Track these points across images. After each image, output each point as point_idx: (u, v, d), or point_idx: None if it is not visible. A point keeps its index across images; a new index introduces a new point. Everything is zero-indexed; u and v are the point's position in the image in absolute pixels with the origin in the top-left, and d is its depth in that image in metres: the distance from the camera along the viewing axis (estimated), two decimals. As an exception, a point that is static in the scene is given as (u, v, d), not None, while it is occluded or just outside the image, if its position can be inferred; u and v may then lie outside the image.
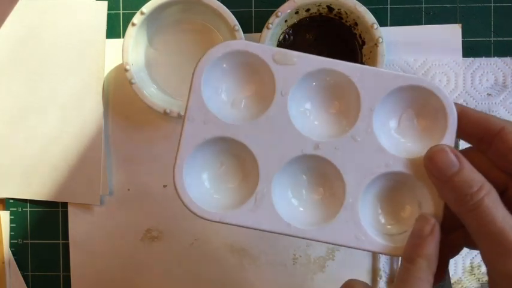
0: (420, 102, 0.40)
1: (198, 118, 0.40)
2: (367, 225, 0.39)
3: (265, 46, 0.41)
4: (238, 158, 0.41)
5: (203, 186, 0.42)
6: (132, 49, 0.58)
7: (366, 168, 0.39)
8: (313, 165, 0.41)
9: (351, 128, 0.39)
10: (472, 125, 0.38)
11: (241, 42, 0.41)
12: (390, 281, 0.60)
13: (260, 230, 0.40)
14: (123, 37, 0.58)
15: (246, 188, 0.41)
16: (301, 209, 0.41)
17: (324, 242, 0.39)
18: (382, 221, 0.41)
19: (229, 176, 0.42)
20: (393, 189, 0.41)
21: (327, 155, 0.39)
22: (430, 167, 0.37)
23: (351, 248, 0.40)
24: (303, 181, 0.41)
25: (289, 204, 0.41)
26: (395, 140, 0.40)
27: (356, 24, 0.58)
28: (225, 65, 0.41)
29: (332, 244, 0.39)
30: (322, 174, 0.41)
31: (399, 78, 0.39)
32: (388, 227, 0.41)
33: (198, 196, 0.40)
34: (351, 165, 0.39)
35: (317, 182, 0.41)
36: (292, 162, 0.40)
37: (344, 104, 0.41)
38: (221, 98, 0.41)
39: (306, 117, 0.41)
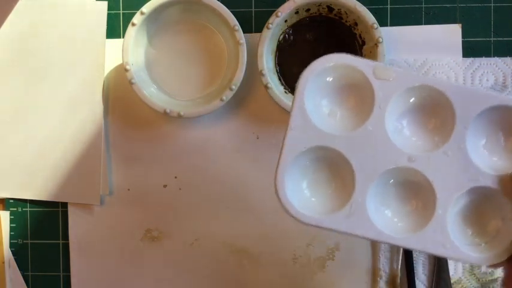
0: (509, 121, 0.42)
1: (300, 128, 0.42)
2: (454, 235, 0.42)
3: (366, 60, 0.42)
4: (335, 167, 0.44)
5: (301, 192, 0.44)
6: (132, 49, 0.58)
7: (457, 182, 0.41)
8: (406, 178, 0.43)
9: (444, 143, 0.42)
10: None
11: (343, 56, 0.42)
12: (390, 281, 0.60)
13: (354, 235, 0.42)
14: (123, 37, 0.58)
15: (341, 195, 0.43)
16: (394, 219, 0.43)
17: (413, 249, 0.43)
18: (467, 232, 0.43)
19: (326, 183, 0.44)
20: (479, 203, 0.43)
21: (421, 168, 0.42)
22: None
23: (438, 255, 0.42)
24: (395, 192, 0.44)
25: (382, 213, 0.43)
26: (484, 156, 0.42)
27: (356, 24, 0.58)
28: (326, 78, 0.43)
29: (420, 251, 0.43)
30: (414, 186, 0.43)
31: (494, 98, 0.41)
32: (472, 238, 0.43)
33: (296, 200, 0.43)
34: (443, 179, 0.41)
35: (409, 193, 0.44)
36: (386, 174, 0.42)
37: (439, 120, 0.43)
38: (322, 109, 0.44)
39: (401, 131, 0.43)
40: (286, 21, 0.58)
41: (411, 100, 0.43)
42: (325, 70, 0.43)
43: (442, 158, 0.41)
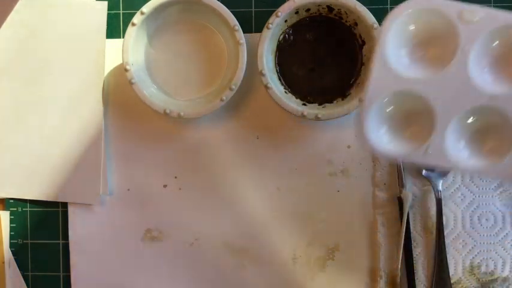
0: None
1: (381, 75, 0.44)
2: None
3: (451, 2, 0.43)
4: (414, 111, 0.47)
5: (380, 137, 0.47)
6: (132, 49, 0.58)
7: None
8: (485, 118, 0.45)
9: None
10: None
11: (426, 0, 0.44)
12: (390, 281, 0.60)
13: (433, 166, 0.49)
14: (123, 37, 0.58)
15: (419, 138, 0.46)
16: (471, 156, 0.46)
17: (492, 178, 0.50)
18: None
19: (407, 124, 0.48)
20: None
21: (501, 106, 0.44)
22: None
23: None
24: (473, 131, 0.46)
25: (460, 150, 0.46)
26: None
27: (356, 24, 0.58)
28: (408, 26, 0.45)
29: (496, 178, 0.48)
30: (492, 125, 0.46)
31: None
32: None
33: (379, 140, 0.47)
34: None
35: (486, 132, 0.46)
36: (466, 113, 0.45)
37: None
38: (402, 55, 0.46)
39: (483, 71, 0.45)
40: (286, 21, 0.58)
41: (494, 43, 0.44)
42: (408, 14, 0.44)
43: None
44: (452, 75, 0.44)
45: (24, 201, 0.62)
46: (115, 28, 0.61)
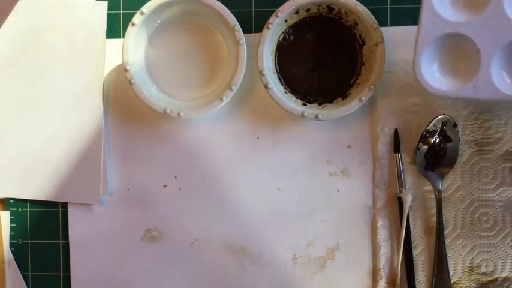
0: None
1: (430, 20, 0.52)
2: None
3: None
4: (461, 49, 0.53)
5: (433, 73, 0.54)
6: (132, 49, 0.58)
7: None
8: None
9: None
10: None
11: None
12: (390, 281, 0.60)
13: (483, 100, 0.55)
14: (123, 37, 0.58)
15: (469, 71, 0.53)
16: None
17: None
18: None
19: (455, 64, 0.55)
20: None
21: None
22: None
23: None
24: None
25: (504, 79, 0.54)
26: None
27: (356, 24, 0.58)
28: None
29: None
30: None
31: None
32: None
33: (431, 80, 0.54)
34: None
35: None
36: (508, 46, 0.52)
37: None
38: (446, 3, 0.53)
39: None
40: (286, 21, 0.58)
41: None
42: None
43: None
44: (490, 14, 0.52)
45: (24, 201, 0.62)
46: (115, 28, 0.61)
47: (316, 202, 0.61)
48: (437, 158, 0.59)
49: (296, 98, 0.59)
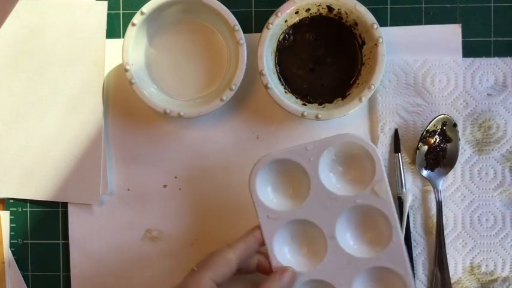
0: None
1: (264, 214, 0.54)
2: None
3: (296, 147, 0.54)
4: (305, 229, 0.55)
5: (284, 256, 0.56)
6: (132, 49, 0.58)
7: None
8: (355, 215, 0.55)
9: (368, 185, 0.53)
10: None
11: (279, 152, 0.54)
12: (390, 281, 0.60)
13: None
14: (123, 37, 0.58)
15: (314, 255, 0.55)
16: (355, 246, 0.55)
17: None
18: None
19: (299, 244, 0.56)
20: None
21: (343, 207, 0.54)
22: None
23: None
24: (350, 226, 0.55)
25: (348, 243, 0.55)
26: None
27: (356, 24, 0.58)
28: (269, 169, 0.55)
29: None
30: (366, 219, 0.55)
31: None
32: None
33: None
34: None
35: (365, 224, 0.55)
36: (342, 215, 0.54)
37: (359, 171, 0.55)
38: (269, 193, 0.56)
39: (333, 185, 0.54)
40: (286, 21, 0.58)
41: (333, 157, 0.55)
42: (266, 165, 0.54)
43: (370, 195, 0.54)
44: (312, 199, 0.54)
45: (24, 201, 0.62)
46: (115, 28, 0.61)
47: (316, 202, 0.61)
48: (437, 158, 0.59)
49: (296, 98, 0.59)
